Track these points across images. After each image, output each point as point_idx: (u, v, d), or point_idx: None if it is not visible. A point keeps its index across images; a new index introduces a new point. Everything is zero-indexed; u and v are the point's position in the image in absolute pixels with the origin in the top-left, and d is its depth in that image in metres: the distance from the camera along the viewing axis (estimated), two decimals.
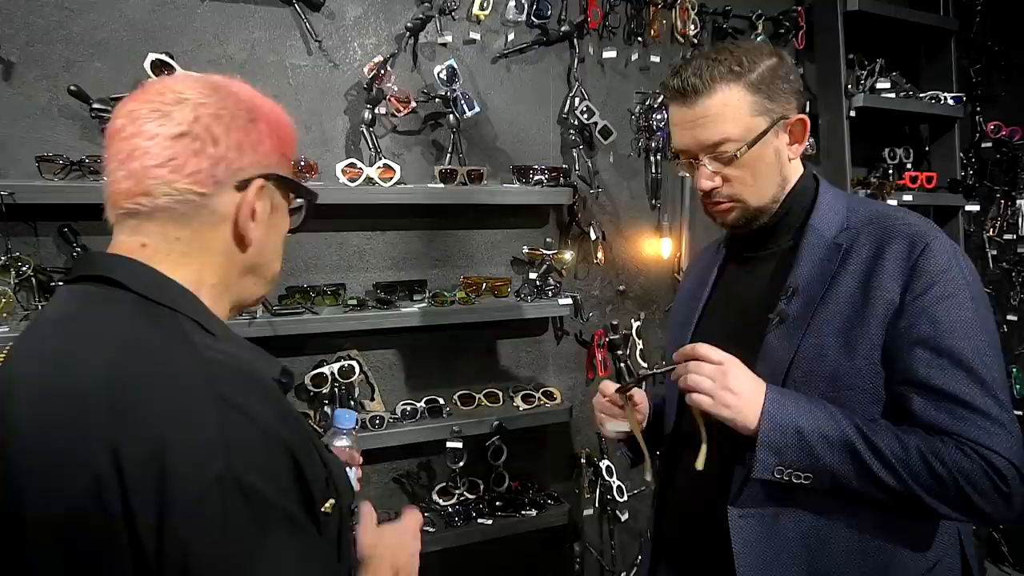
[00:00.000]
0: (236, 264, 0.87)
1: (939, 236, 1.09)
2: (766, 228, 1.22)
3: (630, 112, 2.37)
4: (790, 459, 1.06)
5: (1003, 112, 3.10)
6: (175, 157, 0.78)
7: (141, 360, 0.73)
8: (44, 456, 0.69)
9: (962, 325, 1.04)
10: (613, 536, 2.47)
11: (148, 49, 1.69)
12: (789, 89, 1.14)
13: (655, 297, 2.50)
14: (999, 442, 1.00)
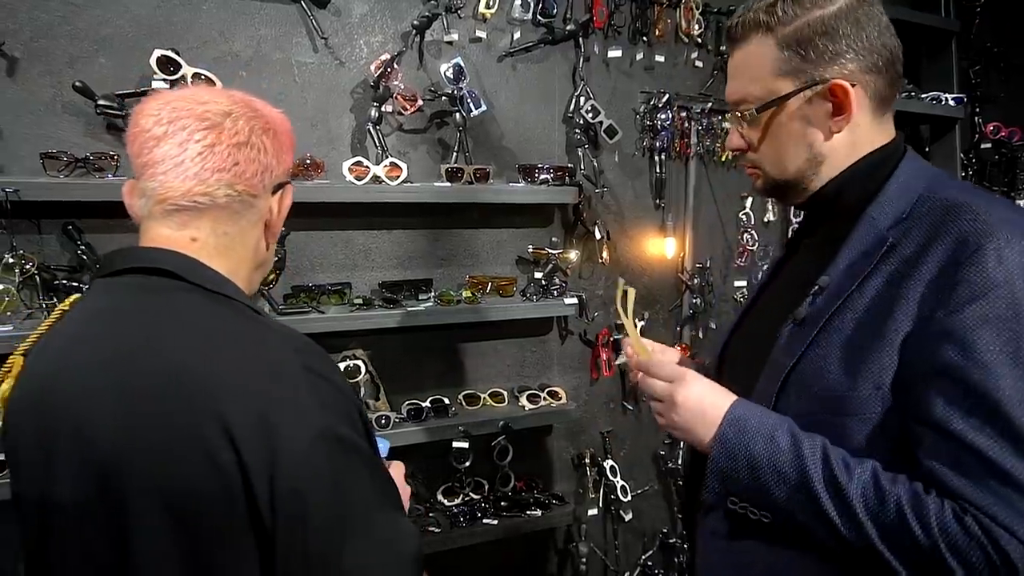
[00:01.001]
0: (256, 259, 0.99)
1: (1005, 237, 0.82)
2: (823, 207, 1.04)
3: (634, 112, 2.37)
4: (741, 491, 0.96)
5: (1002, 113, 3.12)
6: (239, 163, 0.89)
7: (227, 339, 0.83)
8: (161, 433, 0.77)
9: (1009, 360, 0.80)
10: (617, 536, 2.47)
11: (153, 45, 1.67)
12: (840, 47, 0.93)
13: (659, 297, 2.50)
14: (1018, 520, 0.77)
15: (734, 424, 0.94)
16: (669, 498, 2.60)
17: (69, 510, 0.81)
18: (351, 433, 0.83)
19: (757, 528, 0.97)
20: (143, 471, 0.77)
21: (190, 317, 0.84)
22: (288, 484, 0.77)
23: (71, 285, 1.64)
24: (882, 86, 0.96)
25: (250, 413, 0.77)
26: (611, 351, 2.38)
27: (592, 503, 2.40)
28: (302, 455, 0.77)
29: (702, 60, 2.46)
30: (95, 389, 0.80)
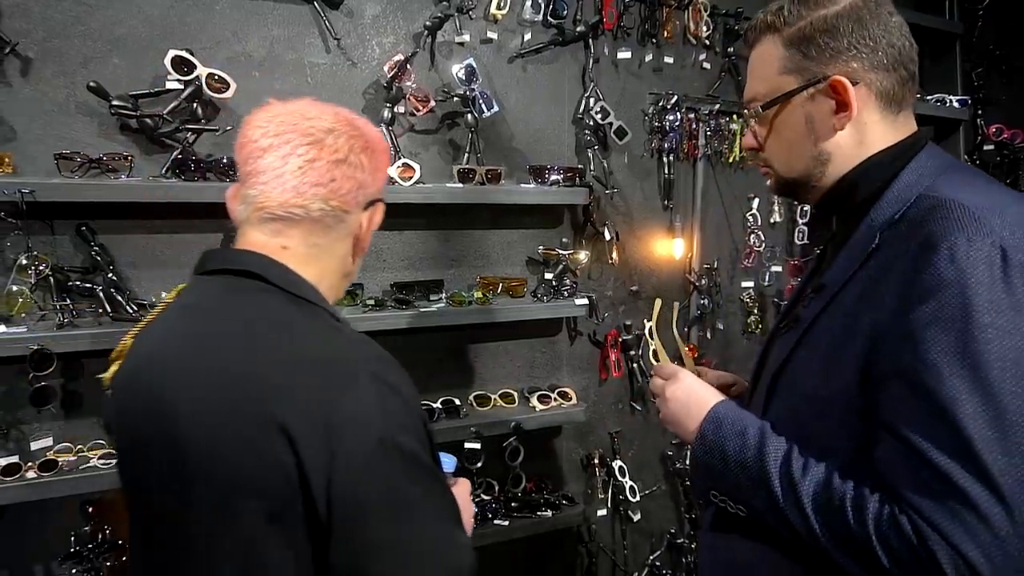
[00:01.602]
0: (344, 269, 1.04)
1: (974, 235, 0.80)
2: (835, 210, 1.06)
3: (643, 113, 2.37)
4: (717, 484, 1.02)
5: (1004, 115, 3.14)
6: (335, 179, 0.94)
7: (300, 342, 0.87)
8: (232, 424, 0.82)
9: (955, 359, 0.78)
10: (625, 536, 2.47)
11: (166, 45, 1.67)
12: (842, 44, 0.94)
13: (667, 297, 2.50)
14: (953, 526, 0.76)
15: (713, 421, 1.01)
16: (676, 499, 2.60)
17: (147, 482, 0.90)
18: (413, 444, 0.85)
19: (736, 522, 1.02)
20: (210, 456, 0.83)
21: (269, 318, 0.90)
22: (345, 487, 0.79)
23: (84, 286, 1.64)
24: (889, 84, 0.95)
25: (313, 416, 0.80)
26: (619, 352, 2.39)
27: (601, 504, 2.40)
28: (361, 460, 0.80)
29: (710, 62, 2.47)
30: (180, 376, 0.87)
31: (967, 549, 0.75)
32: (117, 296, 1.65)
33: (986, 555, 0.74)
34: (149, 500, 0.91)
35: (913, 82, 0.98)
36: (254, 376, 0.84)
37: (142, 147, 1.71)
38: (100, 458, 1.62)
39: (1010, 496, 0.74)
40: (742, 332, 2.66)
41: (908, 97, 0.98)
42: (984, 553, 0.74)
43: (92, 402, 1.70)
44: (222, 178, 1.69)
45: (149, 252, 1.74)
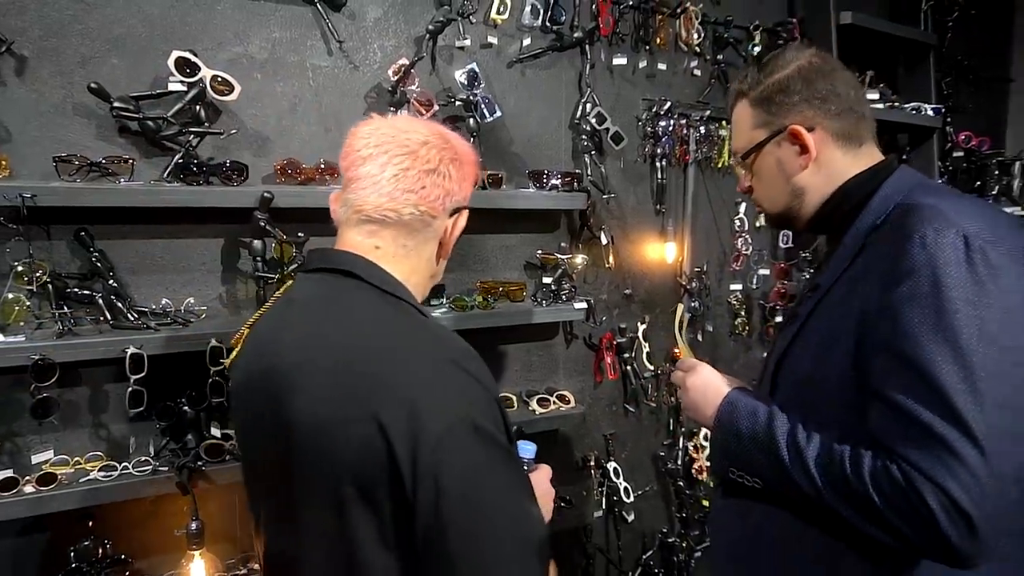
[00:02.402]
0: (430, 270, 1.13)
1: (941, 226, 0.95)
2: (823, 226, 1.23)
3: (636, 118, 2.40)
4: (735, 461, 1.14)
5: (971, 123, 3.27)
6: (425, 186, 1.04)
7: (390, 333, 0.97)
8: (329, 407, 0.92)
9: (932, 330, 0.91)
10: (620, 536, 2.49)
11: (167, 46, 1.63)
12: (794, 99, 1.14)
13: (659, 301, 2.54)
14: (939, 470, 0.88)
15: (728, 405, 1.16)
16: (668, 499, 2.64)
17: (262, 459, 1.03)
18: (488, 425, 0.91)
19: (751, 493, 1.14)
20: (311, 435, 0.93)
21: (364, 312, 1.00)
22: (427, 465, 0.86)
23: (83, 293, 1.59)
24: (842, 126, 1.15)
25: (401, 403, 0.88)
26: (614, 355, 2.41)
27: (596, 505, 2.42)
28: (439, 438, 0.87)
29: (700, 69, 2.51)
30: (292, 366, 0.97)
31: (949, 485, 0.87)
32: (118, 303, 1.60)
33: (965, 490, 0.86)
34: (263, 476, 1.04)
35: (867, 120, 1.17)
36: (354, 366, 0.93)
37: (142, 150, 1.66)
38: (100, 470, 1.57)
39: (983, 440, 0.87)
40: (730, 334, 2.72)
41: (865, 133, 1.17)
42: (963, 488, 0.86)
43: (91, 413, 1.65)
44: (226, 182, 1.66)
45: (149, 258, 1.70)
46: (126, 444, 1.69)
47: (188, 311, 1.69)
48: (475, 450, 0.89)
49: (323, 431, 0.92)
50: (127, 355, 1.50)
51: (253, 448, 1.08)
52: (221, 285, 1.78)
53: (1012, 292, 0.93)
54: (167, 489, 1.59)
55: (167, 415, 1.66)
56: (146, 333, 1.56)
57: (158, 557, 1.70)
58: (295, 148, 1.82)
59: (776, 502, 1.11)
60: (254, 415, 1.04)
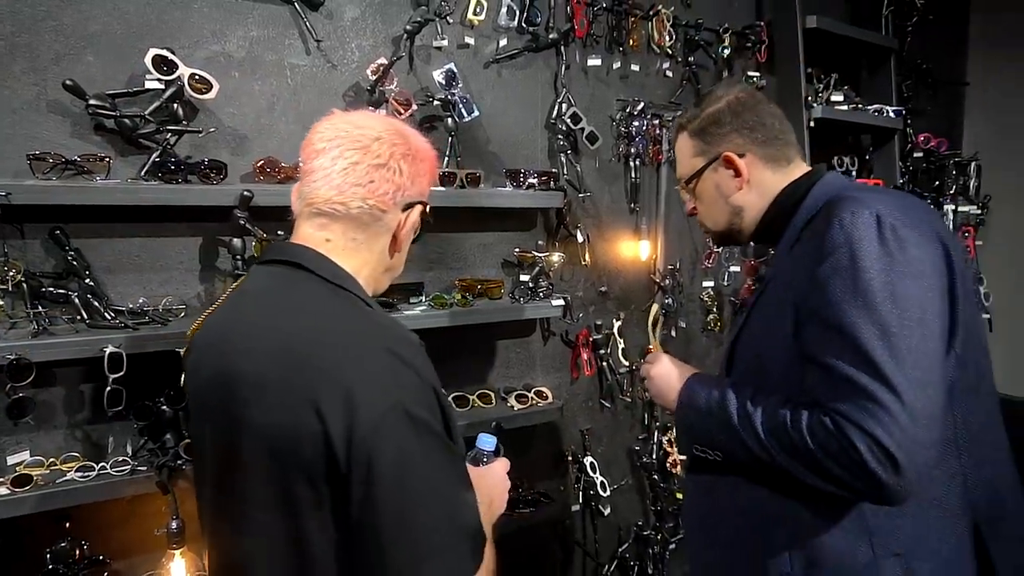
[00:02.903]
0: (383, 264, 1.15)
1: (857, 209, 1.09)
2: (767, 234, 1.36)
3: (611, 119, 2.44)
4: (696, 437, 1.26)
5: (929, 125, 3.38)
6: (374, 180, 1.06)
7: (332, 325, 0.99)
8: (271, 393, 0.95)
9: (851, 296, 1.04)
10: (596, 530, 2.53)
11: (143, 44, 1.62)
12: (725, 129, 1.31)
13: (634, 298, 2.59)
14: (864, 417, 0.99)
15: (687, 388, 1.28)
16: (643, 492, 2.69)
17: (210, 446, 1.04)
18: (422, 413, 0.93)
19: (714, 467, 1.25)
20: (256, 418, 0.96)
21: (309, 303, 1.02)
22: (360, 450, 0.89)
23: (58, 292, 1.57)
24: (768, 151, 1.30)
25: (337, 388, 0.90)
26: (590, 351, 2.45)
27: (574, 499, 2.46)
28: (373, 424, 0.89)
29: (672, 70, 2.57)
30: (240, 353, 1.00)
31: (872, 429, 0.98)
32: (94, 302, 1.59)
33: (888, 432, 0.97)
34: (212, 463, 1.05)
35: (791, 143, 1.33)
36: (295, 355, 0.95)
37: (117, 148, 1.64)
38: (77, 471, 1.55)
39: (900, 388, 0.99)
40: (702, 330, 2.78)
41: (791, 153, 1.33)
42: (886, 430, 0.98)
43: (67, 414, 1.63)
44: (204, 180, 1.65)
45: (126, 257, 1.68)
46: (103, 444, 1.67)
47: (166, 310, 1.68)
48: (408, 437, 0.91)
49: (266, 418, 0.94)
50: (105, 354, 1.49)
51: (201, 438, 1.09)
52: (199, 284, 1.77)
53: (919, 261, 1.06)
54: (146, 489, 1.58)
55: (145, 414, 1.64)
56: (124, 332, 1.55)
57: (137, 557, 1.68)
58: (273, 147, 1.82)
59: (737, 472, 1.21)
60: (203, 404, 1.07)
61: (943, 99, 3.52)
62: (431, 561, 0.90)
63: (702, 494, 1.33)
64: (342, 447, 0.89)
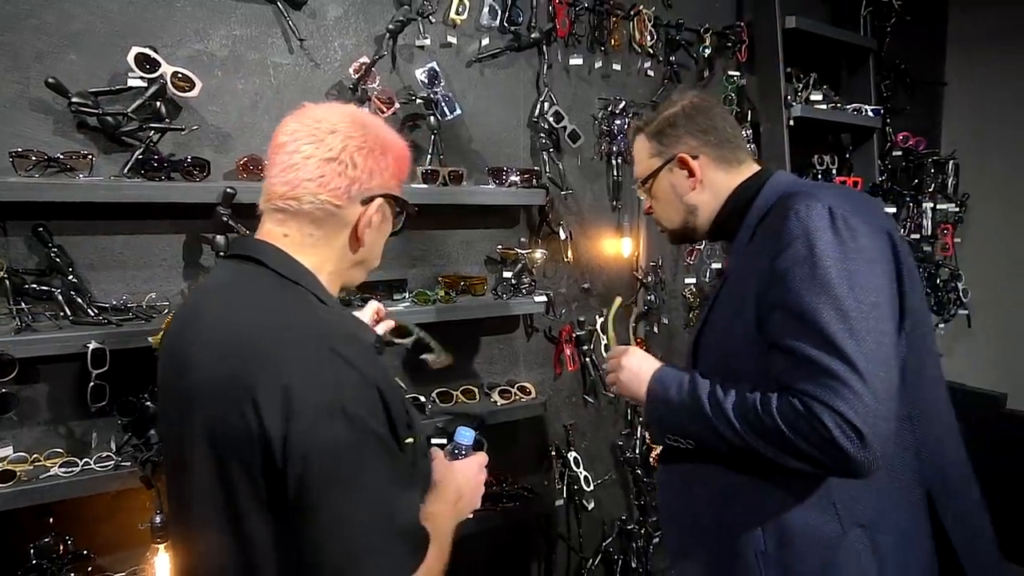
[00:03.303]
0: (349, 258, 1.12)
1: (810, 202, 1.14)
2: (722, 232, 1.41)
3: (593, 117, 2.47)
4: (668, 427, 1.28)
5: (907, 124, 3.44)
6: (324, 175, 1.03)
7: (277, 320, 0.98)
8: (214, 384, 0.96)
9: (809, 284, 1.09)
10: (580, 524, 2.56)
11: (126, 42, 1.63)
12: (680, 132, 1.36)
13: (616, 294, 2.60)
14: (830, 395, 1.04)
15: (657, 380, 1.30)
16: (626, 487, 2.72)
17: (170, 437, 1.06)
18: (360, 412, 0.92)
19: (686, 454, 1.29)
20: (201, 411, 0.97)
21: (259, 298, 1.02)
22: (296, 446, 0.89)
23: (41, 289, 1.58)
24: (720, 153, 1.36)
25: (276, 383, 0.90)
26: (573, 347, 2.48)
27: (558, 494, 2.48)
28: (310, 421, 0.89)
29: (653, 70, 2.60)
30: (195, 346, 1.00)
31: (838, 406, 1.03)
32: (77, 299, 1.60)
33: (852, 408, 1.03)
34: (171, 452, 1.07)
35: (741, 147, 1.38)
36: (238, 349, 0.95)
37: (100, 145, 1.66)
38: (61, 466, 1.56)
39: (861, 367, 1.04)
40: (684, 326, 2.81)
41: (742, 155, 1.38)
42: (850, 406, 1.03)
43: (50, 409, 1.64)
44: (187, 178, 1.67)
45: (109, 254, 1.70)
46: (86, 440, 1.68)
47: (149, 307, 1.69)
48: (344, 437, 0.90)
49: (209, 411, 0.96)
50: (88, 350, 1.50)
51: (166, 428, 1.10)
52: (183, 281, 1.78)
53: (870, 249, 1.13)
54: (130, 484, 1.59)
55: (129, 410, 1.65)
56: (107, 328, 1.57)
57: (122, 552, 1.70)
58: (256, 145, 1.83)
59: (708, 459, 1.25)
60: (165, 396, 1.10)
61: (921, 99, 3.57)
62: (367, 561, 0.90)
63: (676, 482, 1.37)
64: (279, 443, 0.89)
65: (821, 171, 3.01)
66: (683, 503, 1.34)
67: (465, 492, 1.20)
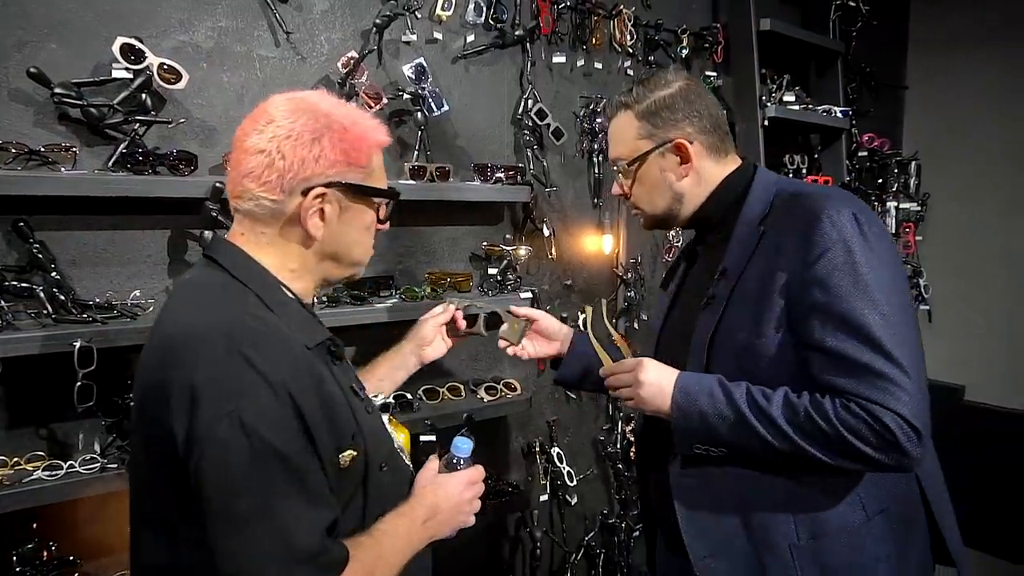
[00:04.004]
0: (312, 253, 1.09)
1: (839, 208, 1.17)
2: (704, 224, 1.41)
3: (575, 115, 2.49)
4: (700, 439, 1.23)
5: (871, 125, 3.55)
6: (253, 170, 1.01)
7: (198, 321, 0.97)
8: (146, 386, 0.99)
9: (853, 289, 1.12)
10: (564, 519, 2.58)
11: (110, 32, 1.58)
12: (678, 116, 1.31)
13: (598, 291, 2.64)
14: (885, 397, 1.08)
15: (682, 391, 1.24)
16: (607, 481, 2.75)
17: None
18: (260, 424, 0.89)
19: (717, 462, 1.26)
20: (138, 412, 1.01)
21: (199, 297, 1.03)
22: (193, 452, 0.89)
23: (22, 286, 1.52)
24: (712, 141, 1.34)
25: (186, 387, 0.90)
26: None
27: (542, 489, 2.50)
28: (206, 428, 0.88)
29: (633, 69, 2.63)
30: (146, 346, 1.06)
31: (898, 408, 1.08)
32: (60, 296, 1.55)
33: (907, 407, 1.08)
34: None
35: (728, 137, 1.38)
36: (164, 348, 0.96)
37: (83, 138, 1.61)
38: (44, 470, 1.51)
39: (907, 367, 1.10)
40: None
41: (728, 145, 1.38)
42: (907, 407, 1.08)
43: (31, 411, 1.59)
44: (174, 172, 1.63)
45: (91, 250, 1.65)
46: (70, 442, 1.63)
47: (135, 304, 1.65)
48: (234, 447, 0.88)
49: (144, 410, 0.98)
50: (75, 349, 1.46)
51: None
52: (168, 278, 1.74)
53: (889, 251, 1.19)
54: (118, 487, 1.55)
55: (113, 411, 1.61)
56: (92, 326, 1.52)
57: (109, 557, 1.65)
58: None
59: (735, 463, 1.24)
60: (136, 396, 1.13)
61: (884, 101, 3.69)
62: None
63: (698, 488, 1.31)
64: (182, 447, 0.89)
65: (791, 170, 3.09)
66: (709, 507, 1.29)
67: (444, 509, 1.16)
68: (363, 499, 1.08)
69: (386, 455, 1.14)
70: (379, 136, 1.13)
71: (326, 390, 1.01)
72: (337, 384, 1.07)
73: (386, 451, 1.16)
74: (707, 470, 1.27)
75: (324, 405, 0.98)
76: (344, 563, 0.94)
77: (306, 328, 1.07)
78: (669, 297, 1.54)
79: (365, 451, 1.06)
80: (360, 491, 1.07)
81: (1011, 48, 3.47)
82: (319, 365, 1.04)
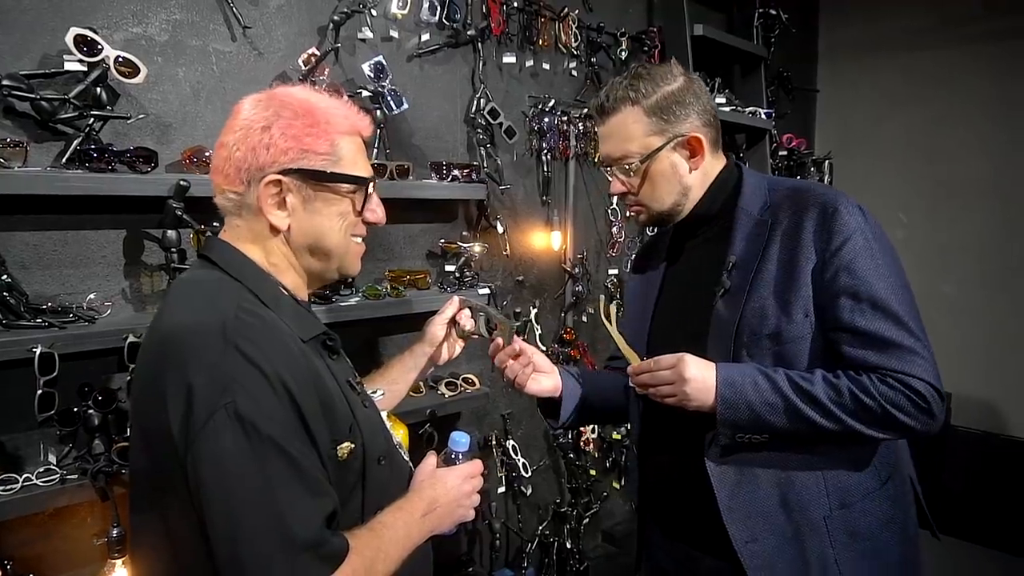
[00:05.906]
0: (287, 245, 1.09)
1: (845, 201, 1.27)
2: (700, 218, 1.41)
3: (524, 114, 2.54)
4: (746, 428, 1.25)
5: (788, 127, 3.79)
6: (218, 165, 1.05)
7: (192, 317, 0.98)
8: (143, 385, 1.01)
9: (875, 273, 1.22)
10: (520, 510, 2.64)
11: (59, 23, 1.51)
12: (689, 111, 1.32)
13: (547, 286, 2.71)
14: (916, 368, 1.19)
15: (727, 384, 1.24)
16: (558, 471, 2.83)
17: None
18: (256, 415, 0.90)
19: (755, 447, 1.30)
20: (136, 412, 1.04)
21: (192, 297, 1.04)
22: (192, 446, 0.89)
23: None
24: (713, 135, 1.38)
25: (182, 383, 0.91)
26: None
27: (498, 482, 2.54)
28: (202, 422, 0.89)
29: (577, 70, 2.71)
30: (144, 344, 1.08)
31: (925, 375, 1.19)
32: (10, 300, 1.47)
33: (931, 375, 1.20)
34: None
35: (720, 129, 1.40)
36: (162, 347, 0.97)
37: (30, 133, 1.52)
38: None
39: (924, 339, 1.22)
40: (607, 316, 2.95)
41: (719, 140, 1.42)
42: (930, 374, 1.20)
43: None
44: (132, 169, 1.57)
45: (42, 251, 1.56)
46: (21, 454, 1.54)
47: (90, 308, 1.58)
48: (233, 440, 0.89)
49: (142, 409, 0.99)
50: (36, 354, 1.39)
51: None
52: (124, 279, 1.67)
53: (887, 239, 1.29)
54: (80, 498, 1.48)
55: (70, 420, 1.54)
56: (51, 331, 1.45)
57: (71, 572, 1.57)
58: (199, 135, 1.75)
59: (769, 447, 1.29)
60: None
61: (799, 103, 3.94)
62: (256, 571, 0.88)
63: (733, 474, 1.31)
64: (181, 442, 0.90)
65: None
66: (749, 492, 1.30)
67: (442, 503, 1.15)
68: (362, 493, 1.08)
69: (384, 449, 1.15)
70: (347, 123, 1.10)
71: (322, 383, 1.01)
72: (333, 377, 1.08)
73: (384, 445, 1.16)
74: (744, 456, 1.30)
75: (320, 397, 0.98)
76: (344, 554, 0.94)
77: (300, 322, 1.07)
78: (654, 292, 1.51)
79: (362, 444, 1.06)
80: (359, 485, 1.07)
81: (910, 55, 3.79)
82: (315, 358, 1.05)
